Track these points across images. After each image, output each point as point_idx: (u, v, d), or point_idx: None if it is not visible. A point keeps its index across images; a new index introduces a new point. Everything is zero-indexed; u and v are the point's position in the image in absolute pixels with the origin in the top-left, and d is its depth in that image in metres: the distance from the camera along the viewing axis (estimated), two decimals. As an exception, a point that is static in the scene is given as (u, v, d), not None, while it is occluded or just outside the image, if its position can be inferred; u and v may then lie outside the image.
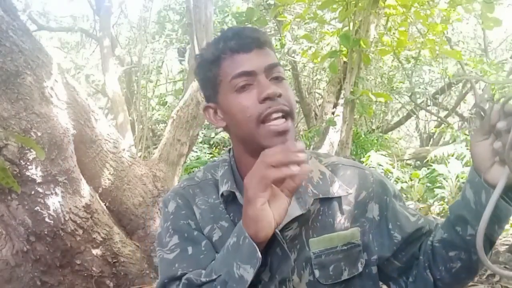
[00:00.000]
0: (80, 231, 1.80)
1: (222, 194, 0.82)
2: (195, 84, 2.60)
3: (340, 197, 0.82)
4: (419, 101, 6.95)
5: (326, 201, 0.82)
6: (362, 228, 0.83)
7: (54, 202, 1.69)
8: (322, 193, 0.81)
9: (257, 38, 0.78)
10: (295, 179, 0.66)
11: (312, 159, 0.86)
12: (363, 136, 5.68)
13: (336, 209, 0.82)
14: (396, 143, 7.10)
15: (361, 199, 0.83)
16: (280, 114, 0.75)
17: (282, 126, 0.75)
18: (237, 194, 0.81)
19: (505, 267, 2.26)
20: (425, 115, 8.08)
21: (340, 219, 0.82)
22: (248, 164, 0.80)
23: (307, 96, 6.58)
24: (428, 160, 4.83)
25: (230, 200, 0.82)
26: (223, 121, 0.82)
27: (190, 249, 0.79)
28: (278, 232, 0.77)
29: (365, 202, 0.83)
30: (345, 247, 0.81)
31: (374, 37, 2.85)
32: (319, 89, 7.08)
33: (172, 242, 0.81)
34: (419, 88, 6.62)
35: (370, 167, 4.19)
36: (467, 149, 4.48)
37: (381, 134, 6.75)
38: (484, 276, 2.17)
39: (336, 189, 0.83)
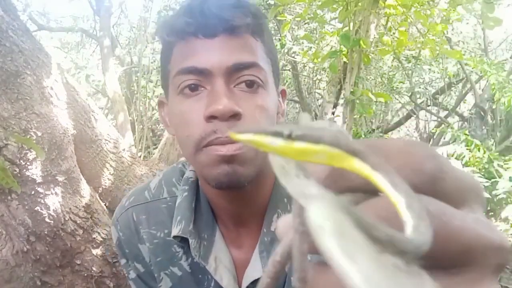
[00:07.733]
0: (80, 231, 1.80)
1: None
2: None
3: None
4: (419, 101, 6.94)
5: None
6: None
7: (54, 202, 1.69)
8: None
9: (228, 19, 0.49)
10: None
11: None
12: (363, 136, 5.67)
13: None
14: (396, 143, 7.08)
15: None
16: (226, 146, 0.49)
17: (229, 147, 0.48)
18: (190, 241, 0.57)
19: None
20: (425, 115, 8.07)
21: None
22: (208, 188, 0.57)
23: (307, 96, 6.57)
24: (428, 160, 4.81)
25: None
26: (171, 127, 0.58)
27: None
28: None
29: None
30: None
31: (374, 37, 2.85)
32: (319, 89, 7.07)
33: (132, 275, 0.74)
34: (419, 88, 6.61)
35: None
36: (467, 149, 4.47)
37: (381, 134, 6.75)
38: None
39: None
